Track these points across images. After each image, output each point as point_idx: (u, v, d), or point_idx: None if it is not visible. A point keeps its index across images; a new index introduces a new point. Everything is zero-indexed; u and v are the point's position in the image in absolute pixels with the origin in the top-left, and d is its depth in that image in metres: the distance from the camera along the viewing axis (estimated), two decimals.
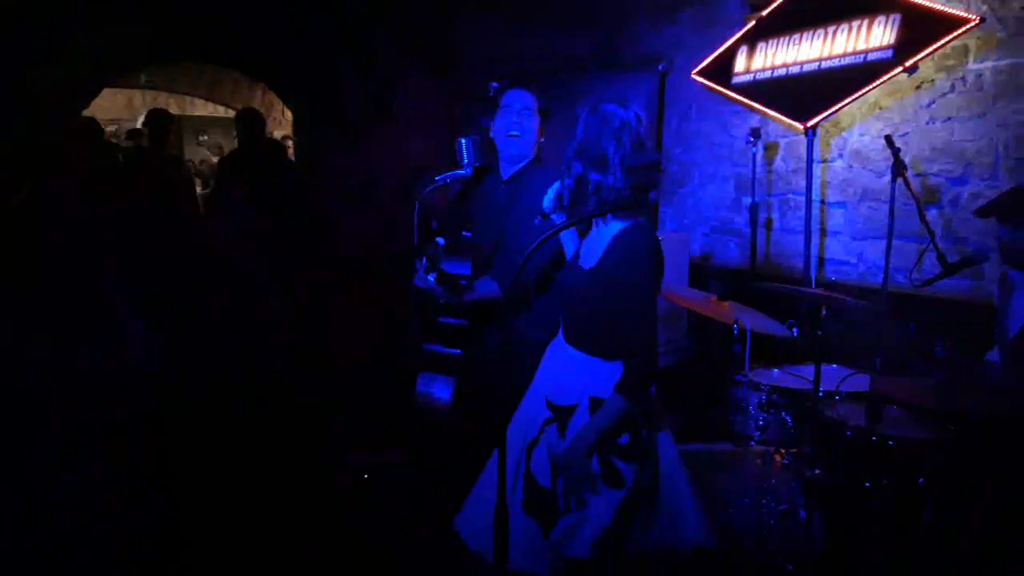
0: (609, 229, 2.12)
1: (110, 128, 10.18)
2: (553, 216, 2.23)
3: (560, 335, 2.25)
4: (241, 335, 3.54)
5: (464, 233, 2.87)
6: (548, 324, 2.33)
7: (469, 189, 2.93)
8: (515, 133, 2.68)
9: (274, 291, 3.24)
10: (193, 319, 3.52)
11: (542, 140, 2.75)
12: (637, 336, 2.05)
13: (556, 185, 2.18)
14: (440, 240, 2.43)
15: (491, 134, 2.79)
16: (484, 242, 2.76)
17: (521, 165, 2.75)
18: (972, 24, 3.12)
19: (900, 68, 3.34)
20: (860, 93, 3.52)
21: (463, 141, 2.67)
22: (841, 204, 3.87)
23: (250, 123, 4.70)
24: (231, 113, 9.63)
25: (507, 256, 2.65)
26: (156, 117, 5.13)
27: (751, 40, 4.14)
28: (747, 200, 4.22)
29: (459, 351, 3.14)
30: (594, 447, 2.03)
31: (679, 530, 2.14)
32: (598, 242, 2.14)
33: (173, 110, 10.47)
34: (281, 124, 9.36)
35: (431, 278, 2.54)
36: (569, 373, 2.16)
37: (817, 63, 3.73)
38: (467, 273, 2.70)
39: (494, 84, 2.79)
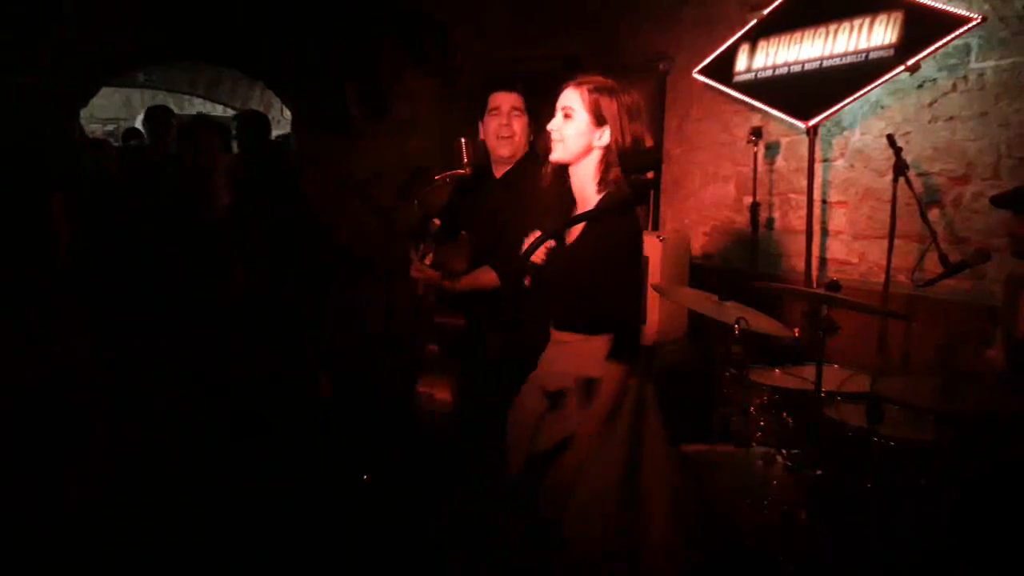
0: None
1: (108, 128, 10.16)
2: None
3: (552, 323, 2.23)
4: (242, 337, 3.53)
5: (461, 232, 2.87)
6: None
7: (467, 189, 2.93)
8: (506, 135, 2.71)
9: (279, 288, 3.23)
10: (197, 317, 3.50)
11: (531, 139, 2.78)
12: (622, 306, 2.06)
13: None
14: (437, 220, 2.42)
15: (481, 136, 2.81)
16: (481, 241, 2.76)
17: (514, 164, 2.75)
18: (974, 23, 3.11)
19: (902, 67, 3.33)
20: (862, 92, 3.51)
21: (463, 140, 2.68)
22: (843, 204, 3.86)
23: (253, 127, 4.48)
24: (230, 112, 9.61)
25: (504, 254, 2.64)
26: (156, 114, 5.05)
27: (752, 39, 4.13)
28: (748, 200, 4.20)
29: (459, 351, 3.13)
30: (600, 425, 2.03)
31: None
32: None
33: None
34: (280, 124, 9.34)
35: (428, 262, 2.54)
36: (559, 358, 2.16)
37: (819, 62, 3.72)
38: (463, 268, 2.69)
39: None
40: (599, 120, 2.07)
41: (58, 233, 3.39)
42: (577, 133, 2.08)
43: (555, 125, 2.11)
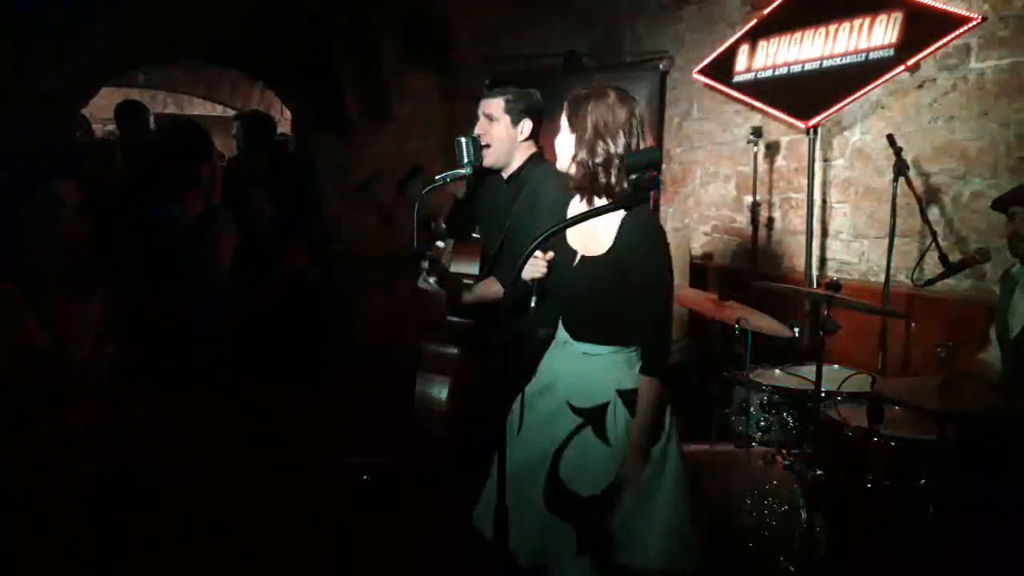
0: (609, 216, 2.08)
1: (108, 127, 10.13)
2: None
3: (564, 334, 2.20)
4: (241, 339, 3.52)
5: (472, 234, 2.86)
6: (551, 320, 2.31)
7: (475, 188, 2.92)
8: (483, 143, 2.64)
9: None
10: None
11: (523, 140, 2.67)
12: (657, 316, 2.09)
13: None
14: (439, 243, 2.39)
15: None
16: (489, 242, 2.74)
17: (516, 166, 2.72)
18: (974, 23, 3.11)
19: (902, 67, 3.34)
20: (862, 92, 3.52)
21: (463, 140, 2.65)
22: (843, 203, 3.86)
23: (256, 128, 4.37)
24: (230, 112, 9.60)
25: (511, 255, 2.63)
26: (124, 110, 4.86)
27: (752, 38, 4.13)
28: (748, 199, 4.21)
29: (457, 348, 3.12)
30: (648, 440, 2.06)
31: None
32: (597, 229, 2.10)
33: (171, 109, 10.43)
34: (280, 123, 9.34)
35: (432, 281, 2.52)
36: (587, 372, 2.12)
37: (819, 62, 3.73)
38: (475, 273, 2.67)
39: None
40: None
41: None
42: None
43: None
